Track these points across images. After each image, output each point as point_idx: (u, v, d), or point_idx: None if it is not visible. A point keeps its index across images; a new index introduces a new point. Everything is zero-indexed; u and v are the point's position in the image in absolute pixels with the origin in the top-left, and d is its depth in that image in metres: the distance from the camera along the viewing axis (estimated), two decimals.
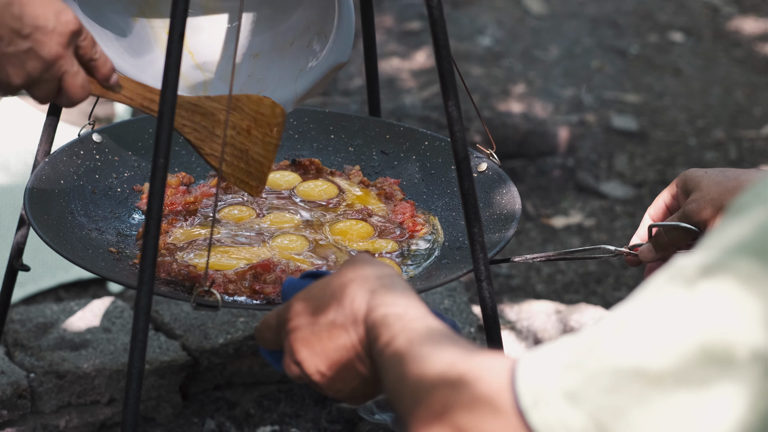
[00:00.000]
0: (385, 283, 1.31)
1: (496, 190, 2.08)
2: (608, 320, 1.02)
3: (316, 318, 1.34)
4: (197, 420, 2.53)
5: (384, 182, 2.19)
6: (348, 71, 4.72)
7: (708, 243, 1.00)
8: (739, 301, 0.94)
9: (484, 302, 1.80)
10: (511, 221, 1.98)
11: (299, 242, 2.03)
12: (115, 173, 2.15)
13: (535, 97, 4.57)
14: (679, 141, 4.35)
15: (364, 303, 1.30)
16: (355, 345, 1.31)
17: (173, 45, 1.60)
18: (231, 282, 1.87)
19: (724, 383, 0.94)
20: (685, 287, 0.97)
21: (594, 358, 1.00)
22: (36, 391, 2.40)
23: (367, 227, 2.08)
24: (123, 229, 2.06)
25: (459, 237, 2.05)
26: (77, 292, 3.32)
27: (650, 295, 1.00)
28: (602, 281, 3.61)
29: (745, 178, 1.88)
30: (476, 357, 1.13)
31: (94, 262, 1.89)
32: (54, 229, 1.94)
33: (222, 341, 2.53)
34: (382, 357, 1.23)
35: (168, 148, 1.61)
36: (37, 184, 2.00)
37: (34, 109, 3.58)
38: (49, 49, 1.61)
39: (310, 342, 1.35)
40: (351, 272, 1.35)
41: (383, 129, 2.29)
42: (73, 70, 1.64)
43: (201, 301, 1.71)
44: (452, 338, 1.19)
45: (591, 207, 3.96)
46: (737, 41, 5.13)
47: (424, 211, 2.15)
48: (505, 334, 2.70)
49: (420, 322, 1.23)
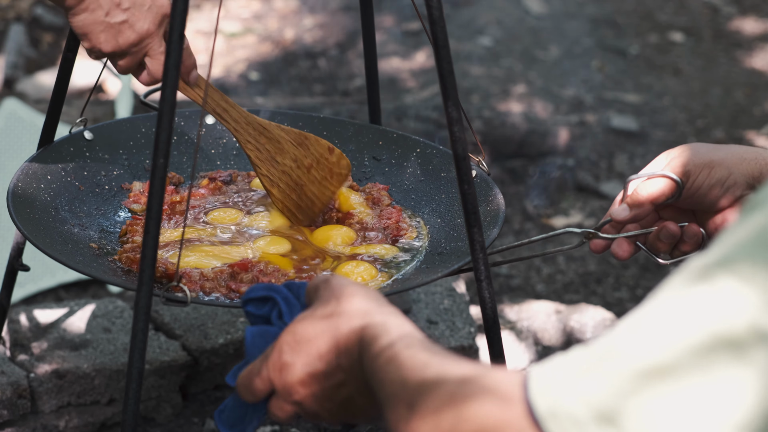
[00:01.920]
0: (373, 312, 1.30)
1: (482, 197, 2.08)
2: (623, 325, 1.01)
3: (310, 362, 1.32)
4: (197, 420, 2.54)
5: (373, 188, 2.20)
6: (348, 71, 4.72)
7: (722, 240, 1.00)
8: (743, 293, 0.94)
9: (484, 302, 1.80)
10: (496, 223, 1.99)
11: (281, 245, 2.03)
12: (104, 171, 2.15)
13: (535, 97, 4.57)
14: (679, 141, 4.35)
15: (356, 337, 1.28)
16: (356, 378, 1.29)
17: (173, 45, 1.60)
18: (208, 280, 1.88)
19: (736, 367, 0.93)
20: (699, 283, 0.97)
21: (610, 362, 0.99)
22: (36, 391, 2.40)
23: (350, 231, 2.09)
24: (107, 226, 2.06)
25: (441, 243, 2.06)
26: (77, 292, 3.32)
27: (665, 296, 1.00)
28: (602, 281, 3.61)
29: (735, 149, 1.82)
30: (484, 367, 1.12)
31: (71, 256, 1.89)
32: (35, 223, 1.94)
33: (222, 341, 2.53)
34: (377, 364, 1.22)
35: (168, 148, 1.61)
36: (23, 179, 2.01)
37: (34, 109, 3.58)
38: (141, 25, 1.76)
39: (306, 381, 1.33)
40: (338, 306, 1.32)
41: (376, 135, 2.29)
42: (159, 49, 1.79)
43: (169, 296, 1.72)
44: (447, 352, 1.18)
45: (591, 207, 3.96)
46: (737, 41, 5.13)
47: (412, 216, 2.16)
48: (505, 334, 2.70)
49: (417, 333, 1.23)
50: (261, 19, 5.19)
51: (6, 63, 4.54)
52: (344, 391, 1.31)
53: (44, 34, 4.89)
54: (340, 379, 1.31)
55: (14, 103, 3.55)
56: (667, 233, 1.83)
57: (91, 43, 1.77)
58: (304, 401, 1.34)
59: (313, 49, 4.93)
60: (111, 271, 1.90)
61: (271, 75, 4.75)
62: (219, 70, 4.70)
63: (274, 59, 4.87)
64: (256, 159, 1.92)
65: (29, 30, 4.88)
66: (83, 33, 1.76)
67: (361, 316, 1.29)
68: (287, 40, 5.02)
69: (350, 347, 1.28)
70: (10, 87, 4.45)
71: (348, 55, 4.88)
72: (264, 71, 4.78)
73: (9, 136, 3.49)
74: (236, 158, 2.29)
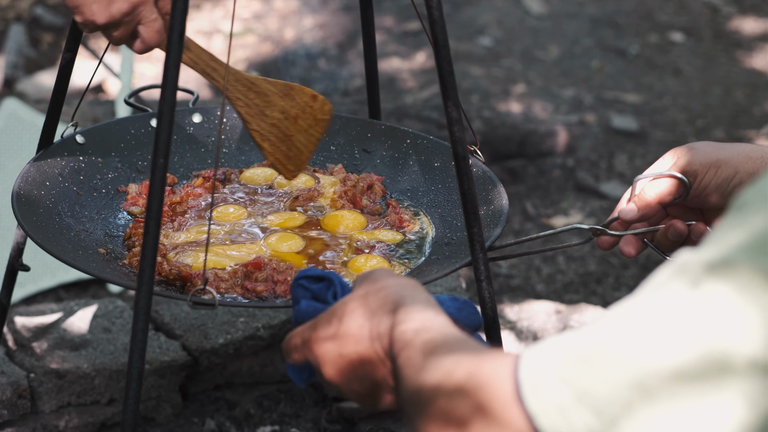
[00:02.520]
0: (405, 301, 1.33)
1: (485, 194, 2.08)
2: (610, 316, 1.02)
3: (343, 343, 1.37)
4: (197, 420, 2.53)
5: (367, 177, 2.20)
6: (348, 71, 4.72)
7: (713, 239, 1.00)
8: (741, 307, 0.95)
9: (484, 302, 1.80)
10: (499, 218, 1.99)
11: (293, 241, 2.04)
12: (99, 174, 2.15)
13: (535, 97, 4.57)
14: (679, 141, 4.35)
15: (389, 323, 1.32)
16: (385, 363, 1.33)
17: (173, 45, 1.60)
18: (223, 281, 1.88)
19: (724, 389, 0.94)
20: (689, 286, 0.97)
21: (598, 356, 1.00)
22: (36, 391, 2.40)
23: (360, 217, 2.10)
24: (110, 230, 2.06)
25: (447, 233, 2.06)
26: (77, 292, 3.32)
27: (654, 291, 1.00)
28: (602, 281, 3.61)
29: (741, 148, 1.83)
30: (479, 362, 1.13)
31: (86, 263, 1.89)
32: (44, 231, 1.94)
33: (222, 341, 2.53)
34: (398, 370, 1.26)
35: (168, 148, 1.61)
36: (23, 187, 2.01)
37: (34, 109, 3.58)
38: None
39: (341, 367, 1.38)
40: (372, 291, 1.37)
41: (364, 127, 2.30)
42: (152, 17, 1.78)
43: (198, 300, 1.71)
44: (463, 346, 1.19)
45: (591, 207, 3.96)
46: (737, 41, 5.13)
47: (412, 207, 2.16)
48: (505, 334, 2.70)
49: (433, 334, 1.24)
50: (261, 19, 5.19)
51: (6, 63, 4.54)
52: (373, 377, 1.35)
53: (44, 34, 4.89)
54: (372, 362, 1.34)
55: (14, 103, 3.55)
56: (675, 231, 1.84)
57: (83, 16, 1.76)
58: (332, 377, 1.39)
59: (313, 49, 4.93)
60: (125, 276, 1.90)
61: (271, 75, 4.76)
62: None
63: (274, 59, 4.88)
64: (247, 115, 1.93)
65: (29, 30, 4.88)
66: (75, 5, 1.75)
67: (387, 335, 1.33)
68: (287, 40, 5.02)
69: (382, 337, 1.33)
70: (10, 87, 4.45)
71: (348, 55, 4.88)
72: (264, 71, 4.78)
73: (9, 136, 3.48)
74: (227, 156, 2.29)
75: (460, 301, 1.44)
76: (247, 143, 2.31)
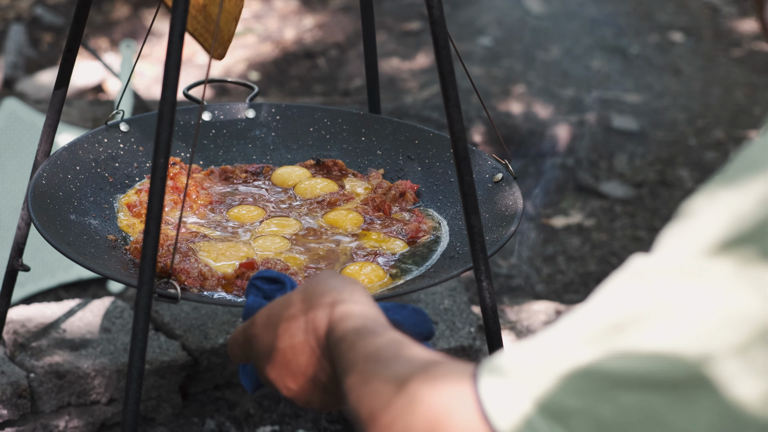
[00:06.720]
0: (344, 297, 1.31)
1: (502, 196, 2.08)
2: (569, 323, 1.03)
3: (279, 336, 1.35)
4: (197, 420, 2.53)
5: (400, 184, 2.19)
6: (348, 71, 4.72)
7: (664, 243, 1.01)
8: (696, 310, 0.96)
9: (484, 302, 1.80)
10: (512, 221, 1.99)
11: (280, 243, 2.04)
12: (136, 163, 2.17)
13: (535, 97, 4.57)
14: (679, 141, 4.35)
15: (325, 318, 1.30)
16: (320, 359, 1.31)
17: (173, 45, 1.60)
18: (207, 279, 1.89)
19: (688, 395, 0.95)
20: (644, 288, 0.99)
21: (560, 363, 1.00)
22: (36, 391, 2.40)
23: (356, 216, 2.10)
24: None
25: (457, 245, 2.05)
26: (77, 292, 3.32)
27: (609, 295, 1.02)
28: (602, 281, 3.61)
29: None
30: (433, 382, 1.10)
31: (79, 248, 1.89)
32: (50, 213, 1.94)
33: (222, 341, 2.53)
34: (341, 374, 1.23)
35: (168, 148, 1.62)
36: (50, 169, 2.01)
37: (34, 109, 3.58)
38: None
39: (275, 360, 1.36)
40: (312, 287, 1.35)
41: (413, 134, 2.29)
42: None
43: (162, 292, 1.72)
44: (408, 353, 1.17)
45: (591, 207, 3.96)
46: (737, 41, 5.13)
47: (435, 217, 2.15)
48: (505, 334, 2.70)
49: (375, 338, 1.23)
50: (261, 19, 5.19)
51: (6, 63, 4.54)
52: (306, 372, 1.33)
53: (44, 34, 4.89)
54: (306, 356, 1.33)
55: (14, 103, 3.55)
56: None
57: None
58: (267, 372, 1.37)
59: (313, 49, 4.93)
60: (121, 264, 1.91)
61: (271, 75, 4.76)
62: (219, 70, 4.70)
63: (274, 59, 4.88)
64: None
65: (29, 30, 4.88)
66: None
67: (324, 336, 1.31)
68: (287, 40, 5.02)
69: (318, 329, 1.31)
70: (10, 87, 4.45)
71: (348, 55, 4.88)
72: (264, 71, 4.78)
73: (9, 136, 3.49)
74: (272, 152, 2.30)
75: (408, 309, 1.41)
76: (295, 142, 2.31)
